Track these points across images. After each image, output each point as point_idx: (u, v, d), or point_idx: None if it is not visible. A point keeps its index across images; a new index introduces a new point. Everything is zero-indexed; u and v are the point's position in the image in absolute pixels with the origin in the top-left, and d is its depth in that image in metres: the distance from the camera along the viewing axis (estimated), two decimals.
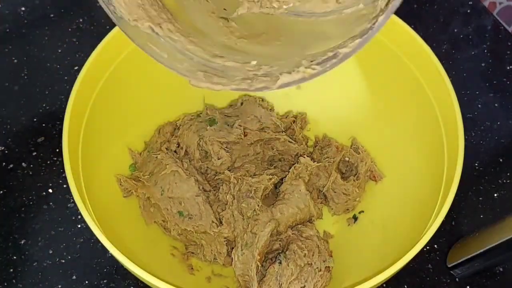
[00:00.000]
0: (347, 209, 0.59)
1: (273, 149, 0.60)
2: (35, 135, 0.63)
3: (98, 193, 0.50)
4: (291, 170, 0.57)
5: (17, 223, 0.58)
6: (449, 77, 0.51)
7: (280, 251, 0.53)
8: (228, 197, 0.55)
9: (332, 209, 0.59)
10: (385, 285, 0.54)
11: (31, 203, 0.59)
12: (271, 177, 0.56)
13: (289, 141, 0.60)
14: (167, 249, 0.56)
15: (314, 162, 0.57)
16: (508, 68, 0.70)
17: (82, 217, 0.47)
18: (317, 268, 0.51)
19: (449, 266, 0.55)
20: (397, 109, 0.58)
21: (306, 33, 0.39)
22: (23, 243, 0.57)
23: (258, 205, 0.54)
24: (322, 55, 0.33)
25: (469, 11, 0.74)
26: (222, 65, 0.36)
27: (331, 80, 0.57)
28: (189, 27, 0.38)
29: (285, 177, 0.57)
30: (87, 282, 0.55)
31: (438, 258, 0.57)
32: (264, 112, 0.60)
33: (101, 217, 0.47)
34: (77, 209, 0.45)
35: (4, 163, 0.61)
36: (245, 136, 0.58)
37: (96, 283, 0.55)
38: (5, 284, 0.54)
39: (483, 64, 0.70)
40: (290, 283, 0.50)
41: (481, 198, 0.61)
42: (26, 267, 0.56)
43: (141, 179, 0.56)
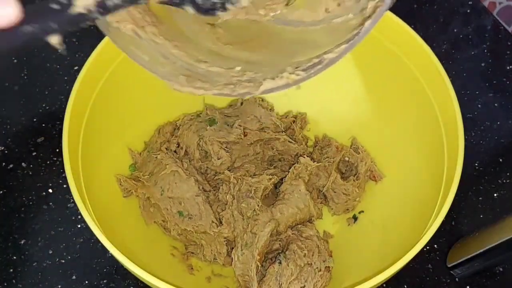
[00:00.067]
0: (347, 209, 0.59)
1: (273, 149, 0.60)
2: (35, 135, 0.63)
3: (98, 193, 0.50)
4: (291, 170, 0.57)
5: (17, 223, 0.58)
6: (449, 77, 0.51)
7: (280, 251, 0.53)
8: (228, 197, 0.55)
9: (332, 209, 0.59)
10: (385, 285, 0.54)
11: (31, 203, 0.59)
12: (271, 177, 0.56)
13: (289, 141, 0.60)
14: (167, 249, 0.56)
15: (314, 162, 0.57)
16: (508, 68, 0.70)
17: (82, 217, 0.47)
18: (317, 268, 0.51)
19: (449, 266, 0.55)
20: (397, 109, 0.58)
21: (294, 42, 0.39)
22: (23, 243, 0.57)
23: (258, 205, 0.54)
24: (307, 62, 0.33)
25: (469, 11, 0.74)
26: (206, 70, 0.36)
27: (331, 80, 0.58)
28: (175, 32, 0.38)
29: (285, 177, 0.57)
30: (87, 282, 0.55)
31: (438, 258, 0.57)
32: (264, 112, 0.60)
33: (101, 217, 0.47)
34: (77, 209, 0.45)
35: (4, 163, 0.61)
36: (245, 136, 0.58)
37: (96, 283, 0.55)
38: (5, 284, 0.54)
39: (483, 64, 0.70)
40: (290, 283, 0.50)
41: (481, 198, 0.61)
42: (26, 267, 0.55)
43: (141, 179, 0.56)
